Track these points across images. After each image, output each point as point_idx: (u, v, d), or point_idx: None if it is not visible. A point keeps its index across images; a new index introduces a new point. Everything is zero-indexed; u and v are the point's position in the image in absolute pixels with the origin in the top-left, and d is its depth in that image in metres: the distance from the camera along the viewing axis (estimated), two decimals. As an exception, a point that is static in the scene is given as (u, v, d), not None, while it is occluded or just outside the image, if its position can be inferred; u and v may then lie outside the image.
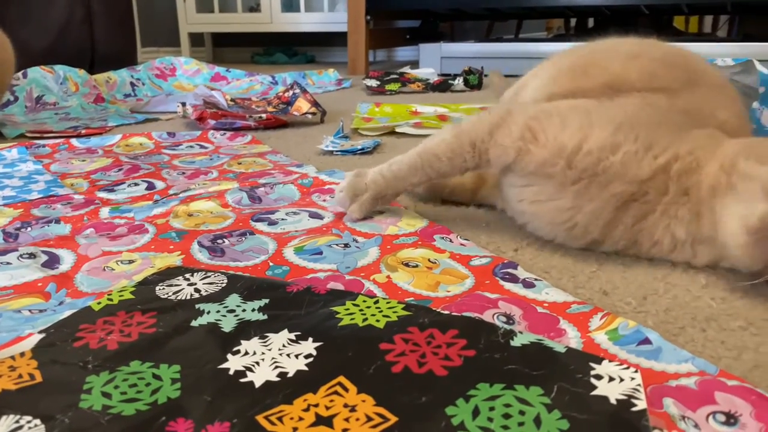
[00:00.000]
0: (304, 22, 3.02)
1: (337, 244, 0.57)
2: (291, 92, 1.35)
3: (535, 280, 0.51)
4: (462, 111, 1.38)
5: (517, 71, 2.10)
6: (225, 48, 3.55)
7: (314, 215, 0.66)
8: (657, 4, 2.15)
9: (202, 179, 0.84)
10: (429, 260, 0.54)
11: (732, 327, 0.44)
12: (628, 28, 0.76)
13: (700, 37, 2.77)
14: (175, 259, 0.55)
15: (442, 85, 1.83)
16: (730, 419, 0.33)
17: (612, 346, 0.41)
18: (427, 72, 1.99)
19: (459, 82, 1.82)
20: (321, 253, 0.56)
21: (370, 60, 3.34)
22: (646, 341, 0.41)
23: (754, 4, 2.02)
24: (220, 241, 0.59)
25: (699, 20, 2.96)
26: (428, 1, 2.39)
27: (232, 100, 1.28)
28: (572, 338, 0.41)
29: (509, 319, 0.44)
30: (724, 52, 1.91)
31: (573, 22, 3.03)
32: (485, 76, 1.90)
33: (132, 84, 1.75)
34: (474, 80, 1.84)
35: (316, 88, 1.95)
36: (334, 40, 3.27)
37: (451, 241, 0.59)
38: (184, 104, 1.32)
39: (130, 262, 0.54)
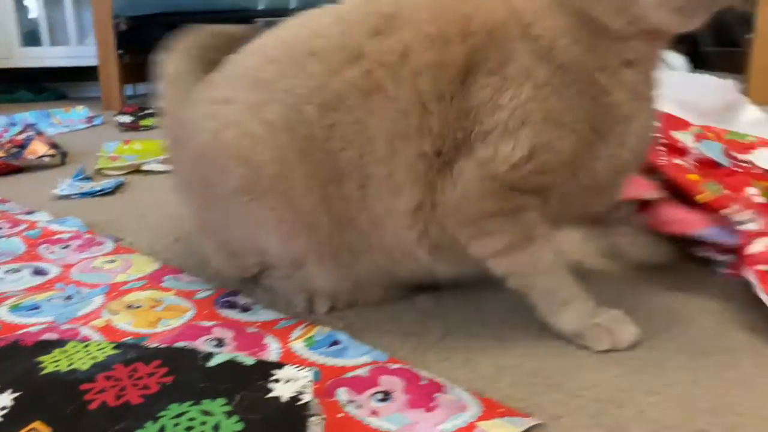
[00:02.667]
0: (50, 56, 2.80)
1: (58, 297, 0.57)
2: (25, 135, 1.26)
3: (253, 304, 0.56)
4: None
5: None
6: (-46, 85, 3.13)
7: (38, 271, 0.64)
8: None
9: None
10: (154, 300, 0.57)
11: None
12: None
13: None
14: None
15: (200, 120, 1.83)
16: (386, 396, 0.41)
17: (307, 351, 0.47)
18: (186, 106, 1.99)
19: (217, 116, 1.84)
20: (38, 307, 0.55)
21: (131, 93, 3.20)
22: (336, 342, 0.49)
23: None
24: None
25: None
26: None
27: (-48, 148, 1.17)
28: (273, 350, 0.47)
29: (220, 342, 0.49)
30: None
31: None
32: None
33: None
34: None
35: (62, 127, 1.83)
36: (86, 73, 3.08)
37: (180, 279, 0.62)
38: None
39: None
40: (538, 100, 0.45)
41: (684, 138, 0.71)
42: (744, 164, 0.70)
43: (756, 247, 0.50)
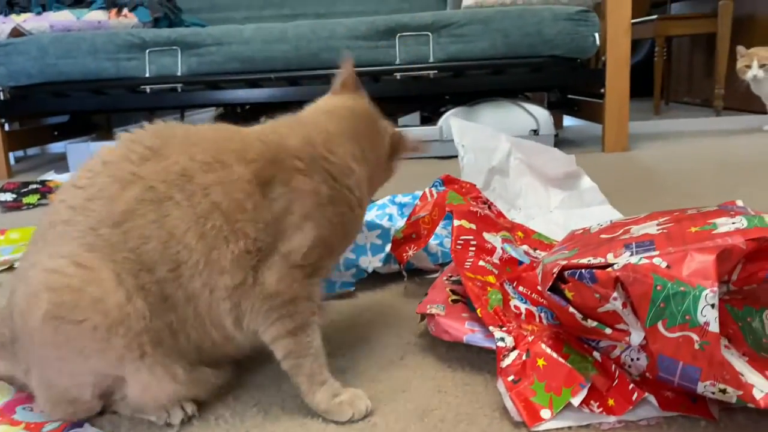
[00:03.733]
0: (-72, 122, 2.70)
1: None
2: None
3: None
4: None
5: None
6: None
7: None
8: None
9: None
10: (1, 435, 0.61)
11: None
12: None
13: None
14: None
15: (87, 194, 1.84)
16: None
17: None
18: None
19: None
20: None
21: (20, 155, 3.13)
22: None
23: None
24: None
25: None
26: (67, 103, 2.36)
27: None
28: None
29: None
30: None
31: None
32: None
33: None
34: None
35: (-61, 208, 1.78)
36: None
37: (32, 410, 0.66)
38: None
39: None
40: (319, 207, 0.61)
41: (493, 240, 0.83)
42: (539, 259, 0.82)
43: (507, 361, 0.61)
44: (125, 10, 2.29)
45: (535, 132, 2.30)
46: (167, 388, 0.60)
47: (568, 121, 3.33)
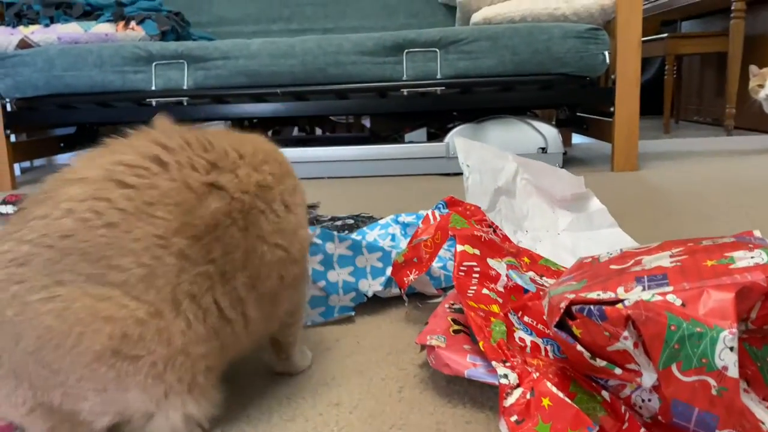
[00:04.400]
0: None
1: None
2: None
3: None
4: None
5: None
6: None
7: None
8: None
9: None
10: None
11: None
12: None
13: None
14: None
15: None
16: None
17: None
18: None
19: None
20: None
21: (26, 166, 3.13)
22: None
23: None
24: None
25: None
26: (73, 115, 2.36)
27: None
28: None
29: None
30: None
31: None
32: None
33: None
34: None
35: (-60, 220, 1.77)
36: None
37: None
38: None
39: None
40: None
41: (498, 266, 0.80)
42: (546, 287, 0.79)
43: (510, 399, 0.57)
44: (133, 23, 2.28)
45: (544, 150, 2.27)
46: (205, 414, 0.56)
47: (576, 138, 3.30)
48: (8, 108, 2.32)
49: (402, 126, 2.69)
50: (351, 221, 1.53)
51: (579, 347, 0.56)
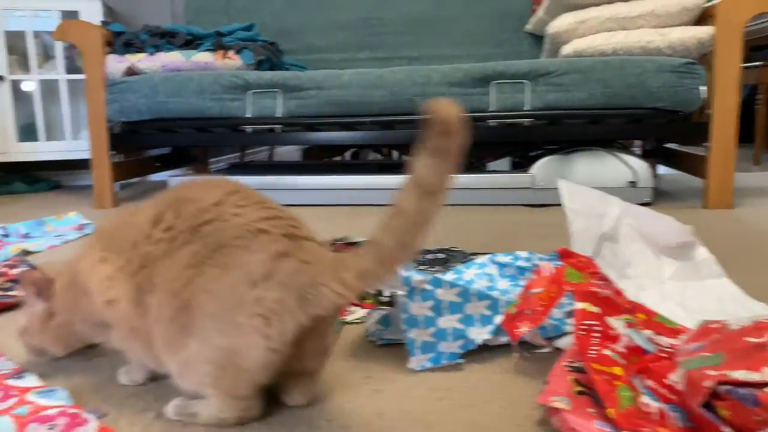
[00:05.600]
0: (44, 150, 2.91)
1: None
2: (18, 270, 1.33)
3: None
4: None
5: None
6: (-50, 175, 3.22)
7: None
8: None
9: None
10: None
11: None
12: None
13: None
14: None
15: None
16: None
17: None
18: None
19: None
20: None
21: (123, 183, 3.30)
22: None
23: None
24: None
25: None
26: (173, 139, 2.49)
27: (-52, 290, 1.23)
28: None
29: None
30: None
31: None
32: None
33: None
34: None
35: (54, 237, 1.90)
36: (80, 164, 3.18)
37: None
38: None
39: None
40: None
41: (617, 325, 0.79)
42: (667, 349, 0.78)
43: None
44: (231, 52, 2.39)
45: (633, 184, 2.22)
46: None
47: (662, 168, 3.21)
48: (113, 131, 2.47)
49: (482, 154, 2.70)
50: (442, 256, 1.55)
51: (725, 429, 0.55)
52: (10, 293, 1.26)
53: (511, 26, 2.85)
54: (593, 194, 1.27)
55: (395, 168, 2.67)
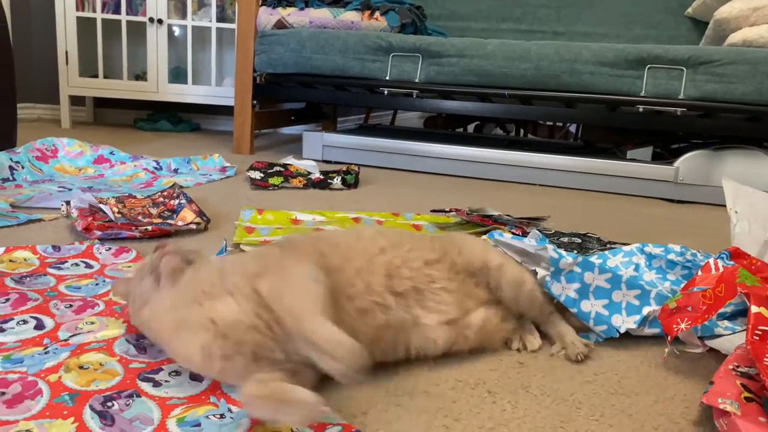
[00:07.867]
0: (190, 93, 3.09)
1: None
2: (177, 201, 1.43)
3: (165, 381, 0.64)
4: (337, 220, 1.53)
5: (393, 165, 2.32)
6: (107, 109, 3.51)
7: (38, 326, 0.84)
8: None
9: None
10: (99, 363, 0.66)
11: None
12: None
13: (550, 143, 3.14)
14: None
15: (322, 183, 1.98)
16: None
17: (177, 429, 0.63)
18: (309, 164, 2.14)
19: (337, 182, 1.99)
20: (22, 361, 0.73)
21: (257, 132, 3.46)
22: (198, 425, 0.64)
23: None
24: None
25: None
26: (313, 94, 2.56)
27: (119, 212, 1.35)
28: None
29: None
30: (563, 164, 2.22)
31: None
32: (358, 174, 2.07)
33: (11, 168, 1.75)
34: (351, 179, 2.01)
35: (200, 175, 2.03)
36: (220, 109, 3.36)
37: (130, 347, 0.72)
38: (68, 203, 1.37)
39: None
40: None
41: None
42: None
43: None
44: (377, 14, 2.41)
45: (790, 191, 2.04)
46: None
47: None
48: (257, 81, 2.57)
49: (622, 140, 2.57)
50: (578, 240, 1.50)
51: None
52: (169, 222, 1.37)
53: (668, 8, 2.67)
54: (760, 196, 1.18)
55: (522, 145, 2.61)
